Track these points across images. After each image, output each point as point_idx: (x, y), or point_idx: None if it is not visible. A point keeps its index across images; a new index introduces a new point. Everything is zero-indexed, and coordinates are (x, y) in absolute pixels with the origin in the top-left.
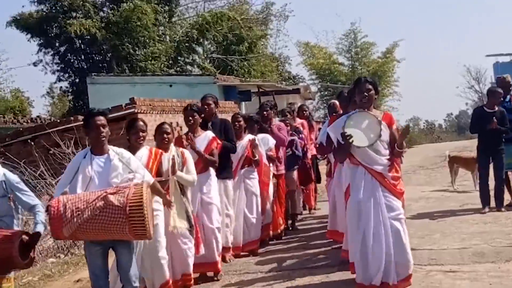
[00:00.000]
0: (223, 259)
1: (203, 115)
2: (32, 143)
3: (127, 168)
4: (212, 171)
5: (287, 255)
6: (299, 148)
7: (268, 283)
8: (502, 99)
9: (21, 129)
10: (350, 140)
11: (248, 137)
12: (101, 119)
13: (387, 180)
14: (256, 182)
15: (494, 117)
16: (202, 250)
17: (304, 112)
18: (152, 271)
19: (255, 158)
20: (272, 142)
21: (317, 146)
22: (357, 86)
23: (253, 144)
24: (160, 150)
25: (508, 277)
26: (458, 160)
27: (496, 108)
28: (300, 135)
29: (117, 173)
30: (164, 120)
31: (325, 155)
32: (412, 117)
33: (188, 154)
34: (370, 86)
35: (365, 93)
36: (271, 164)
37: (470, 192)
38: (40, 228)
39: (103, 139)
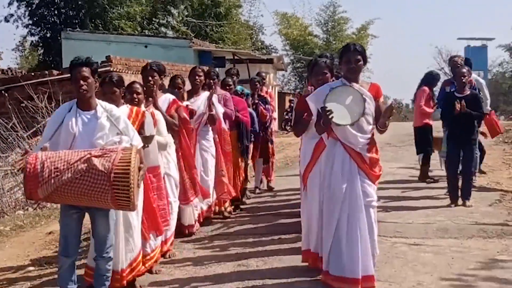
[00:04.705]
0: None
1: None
2: (6, 94)
3: (115, 129)
4: (171, 138)
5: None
6: (255, 122)
7: (240, 246)
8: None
9: None
10: (330, 116)
11: (205, 93)
12: (83, 70)
13: (365, 163)
14: (212, 143)
15: (463, 100)
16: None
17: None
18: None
19: (212, 112)
20: (220, 111)
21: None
22: (345, 54)
23: (211, 99)
24: (143, 109)
25: (469, 253)
26: None
27: (468, 92)
28: (267, 106)
29: (103, 134)
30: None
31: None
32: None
33: (159, 114)
34: (359, 57)
35: (353, 65)
36: None
37: (435, 170)
38: None
39: (85, 92)
